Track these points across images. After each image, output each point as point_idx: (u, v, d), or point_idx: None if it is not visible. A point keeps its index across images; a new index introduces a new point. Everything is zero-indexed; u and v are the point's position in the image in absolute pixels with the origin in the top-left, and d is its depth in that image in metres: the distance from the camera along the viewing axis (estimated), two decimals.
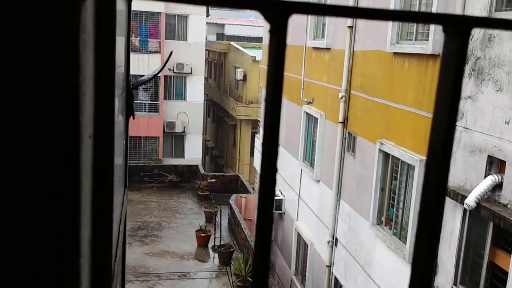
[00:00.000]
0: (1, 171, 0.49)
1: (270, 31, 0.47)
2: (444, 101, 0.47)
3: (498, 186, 6.32)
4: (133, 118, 1.79)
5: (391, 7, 8.93)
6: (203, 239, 18.04)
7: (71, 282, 0.56)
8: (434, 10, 7.69)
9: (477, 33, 6.75)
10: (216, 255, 17.28)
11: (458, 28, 0.48)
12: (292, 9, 0.45)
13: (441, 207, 0.49)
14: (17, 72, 0.47)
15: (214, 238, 17.88)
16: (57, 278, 0.54)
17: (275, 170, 0.47)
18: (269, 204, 0.47)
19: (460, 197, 6.77)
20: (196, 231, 18.32)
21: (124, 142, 1.69)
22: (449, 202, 7.21)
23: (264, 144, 0.47)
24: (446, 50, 0.48)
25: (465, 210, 6.79)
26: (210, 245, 18.06)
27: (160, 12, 25.75)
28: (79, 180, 0.50)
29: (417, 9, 8.48)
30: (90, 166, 0.60)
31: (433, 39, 7.68)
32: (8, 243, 0.52)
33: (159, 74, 25.36)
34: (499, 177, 6.30)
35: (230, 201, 19.93)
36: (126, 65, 1.68)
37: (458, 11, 7.11)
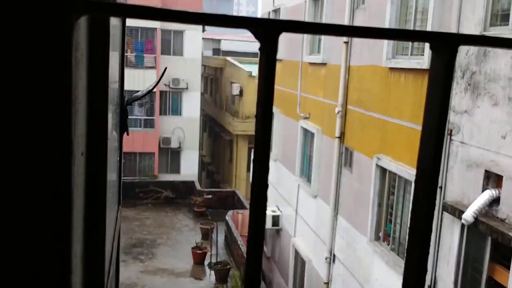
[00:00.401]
0: None
1: (260, 49, 0.47)
2: (432, 117, 0.48)
3: (495, 201, 6.32)
4: (127, 134, 1.79)
5: (386, 22, 9.02)
6: (199, 256, 17.89)
7: None
8: (429, 25, 7.76)
9: (472, 48, 6.82)
10: (213, 272, 17.13)
11: (445, 46, 0.49)
12: (282, 28, 0.46)
13: (430, 219, 0.49)
14: (8, 90, 0.47)
15: (211, 255, 17.75)
16: None
17: (266, 185, 0.48)
18: (261, 220, 0.47)
19: (458, 212, 6.76)
20: (192, 248, 18.18)
21: (118, 158, 1.68)
22: (446, 217, 7.19)
23: (255, 161, 0.48)
24: (434, 66, 0.49)
25: (463, 225, 6.78)
26: (206, 262, 17.91)
27: (156, 28, 25.90)
28: (70, 197, 0.50)
29: (412, 25, 8.57)
30: (82, 183, 0.60)
31: (429, 54, 7.74)
32: None
33: (155, 90, 25.40)
34: (497, 191, 6.30)
35: (227, 217, 19.83)
36: (120, 80, 1.68)
37: (453, 26, 7.18)
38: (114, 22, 1.38)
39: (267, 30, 0.46)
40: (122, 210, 2.23)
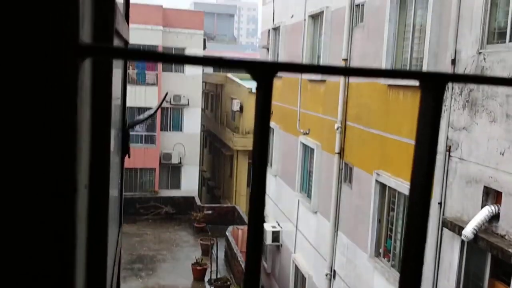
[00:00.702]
0: None
1: (257, 88, 0.49)
2: (422, 154, 0.50)
3: (495, 217, 6.32)
4: (129, 157, 1.81)
5: (385, 39, 9.10)
6: (199, 273, 17.79)
7: None
8: (426, 42, 7.83)
9: (469, 65, 6.87)
10: None
11: (433, 84, 0.51)
12: (276, 68, 0.48)
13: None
14: (14, 129, 0.49)
15: (211, 271, 17.65)
16: None
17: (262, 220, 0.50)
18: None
19: (457, 228, 6.75)
20: (192, 264, 18.09)
21: (119, 181, 1.70)
22: (446, 233, 7.18)
23: (251, 198, 0.49)
24: (423, 104, 0.51)
25: (463, 241, 6.77)
26: (206, 278, 17.81)
27: (158, 45, 26.10)
28: (74, 232, 0.52)
29: (410, 42, 8.63)
30: (85, 215, 0.62)
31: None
32: None
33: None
34: (496, 208, 6.31)
35: (227, 233, 19.76)
36: (122, 104, 1.71)
37: (450, 43, 7.25)
38: (116, 42, 1.41)
39: (263, 71, 0.48)
40: (123, 226, 2.24)
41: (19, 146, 0.50)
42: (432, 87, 0.50)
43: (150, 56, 0.46)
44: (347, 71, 0.51)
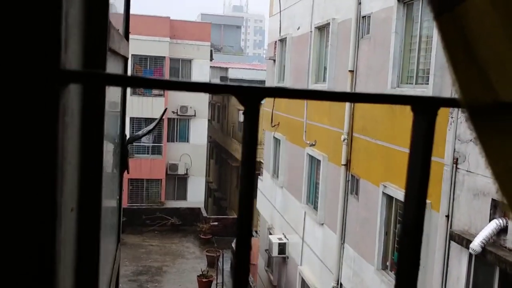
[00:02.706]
0: None
1: (244, 113, 0.49)
2: (414, 180, 0.49)
3: (503, 230, 6.25)
4: (128, 173, 1.81)
5: (391, 51, 9.10)
6: (205, 285, 17.72)
7: None
8: (433, 54, 7.82)
9: None
10: None
11: (425, 109, 0.50)
12: (263, 94, 0.48)
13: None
14: None
15: (216, 283, 17.58)
16: None
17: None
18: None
19: (465, 242, 6.68)
20: (197, 276, 18.03)
21: (118, 197, 1.70)
22: (454, 247, 7.11)
23: (239, 215, 0.48)
24: (415, 128, 0.50)
25: (470, 255, 6.69)
26: None
27: (165, 57, 26.26)
28: (55, 257, 0.51)
29: (416, 54, 8.62)
30: (73, 236, 0.61)
31: (433, 83, 7.78)
32: None
33: (163, 117, 25.61)
34: (504, 221, 6.23)
35: (233, 245, 19.69)
36: (121, 119, 1.70)
37: None
38: (112, 61, 1.40)
39: (249, 97, 0.47)
40: (129, 237, 2.23)
41: None
42: (424, 112, 0.49)
43: (134, 81, 0.46)
44: (337, 96, 0.50)
